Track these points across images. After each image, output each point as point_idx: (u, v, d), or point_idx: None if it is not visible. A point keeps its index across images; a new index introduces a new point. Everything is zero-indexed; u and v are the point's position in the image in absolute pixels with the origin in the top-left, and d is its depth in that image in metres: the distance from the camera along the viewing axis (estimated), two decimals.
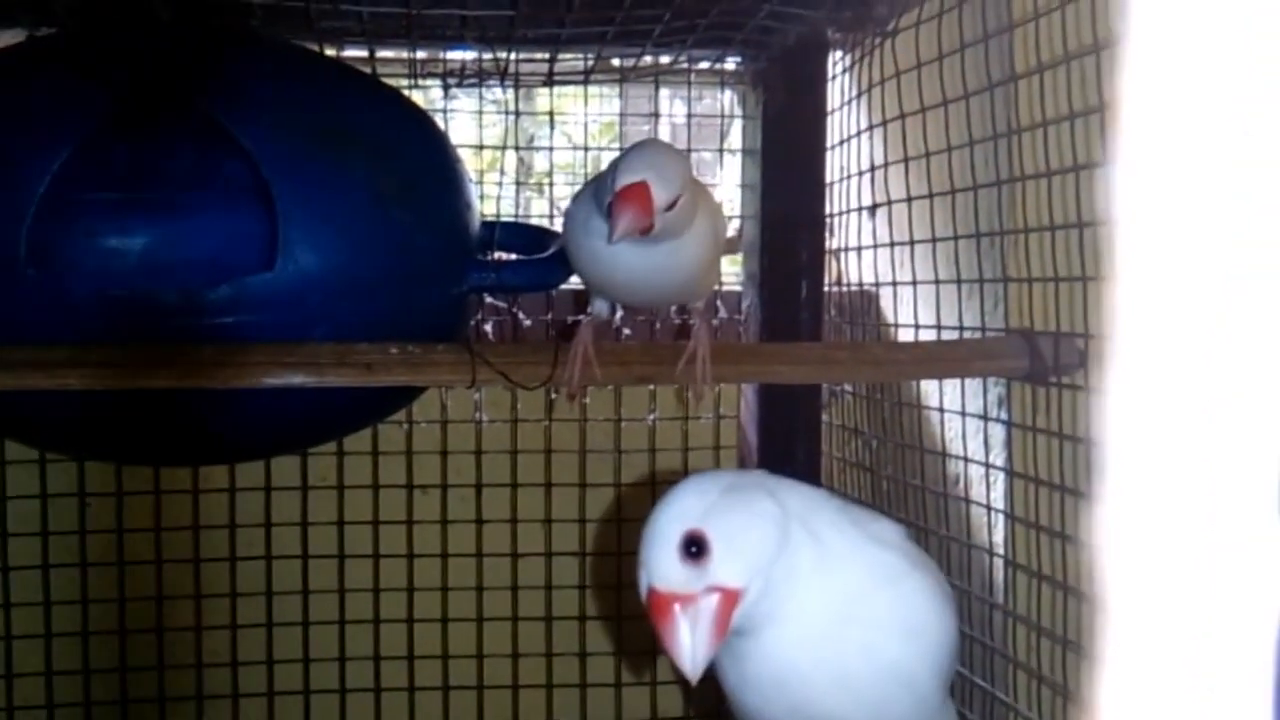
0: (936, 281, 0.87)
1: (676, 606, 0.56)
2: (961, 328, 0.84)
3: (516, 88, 1.08)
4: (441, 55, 1.07)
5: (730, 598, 0.56)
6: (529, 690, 1.09)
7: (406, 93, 1.00)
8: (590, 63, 1.06)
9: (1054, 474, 0.72)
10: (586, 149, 1.14)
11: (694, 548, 0.57)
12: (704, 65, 1.09)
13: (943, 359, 0.80)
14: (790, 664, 0.59)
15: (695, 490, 0.59)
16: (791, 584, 0.58)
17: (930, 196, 0.87)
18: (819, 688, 0.59)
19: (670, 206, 0.66)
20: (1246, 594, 0.17)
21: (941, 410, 0.88)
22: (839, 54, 1.03)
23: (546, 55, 1.04)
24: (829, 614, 0.58)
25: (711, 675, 0.61)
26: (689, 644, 0.55)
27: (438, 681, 1.08)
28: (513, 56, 1.03)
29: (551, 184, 1.18)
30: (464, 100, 1.10)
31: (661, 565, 0.56)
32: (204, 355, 0.72)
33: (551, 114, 1.12)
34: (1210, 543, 0.17)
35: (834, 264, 1.06)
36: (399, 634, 1.08)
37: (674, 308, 0.85)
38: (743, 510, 0.58)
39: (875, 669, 0.59)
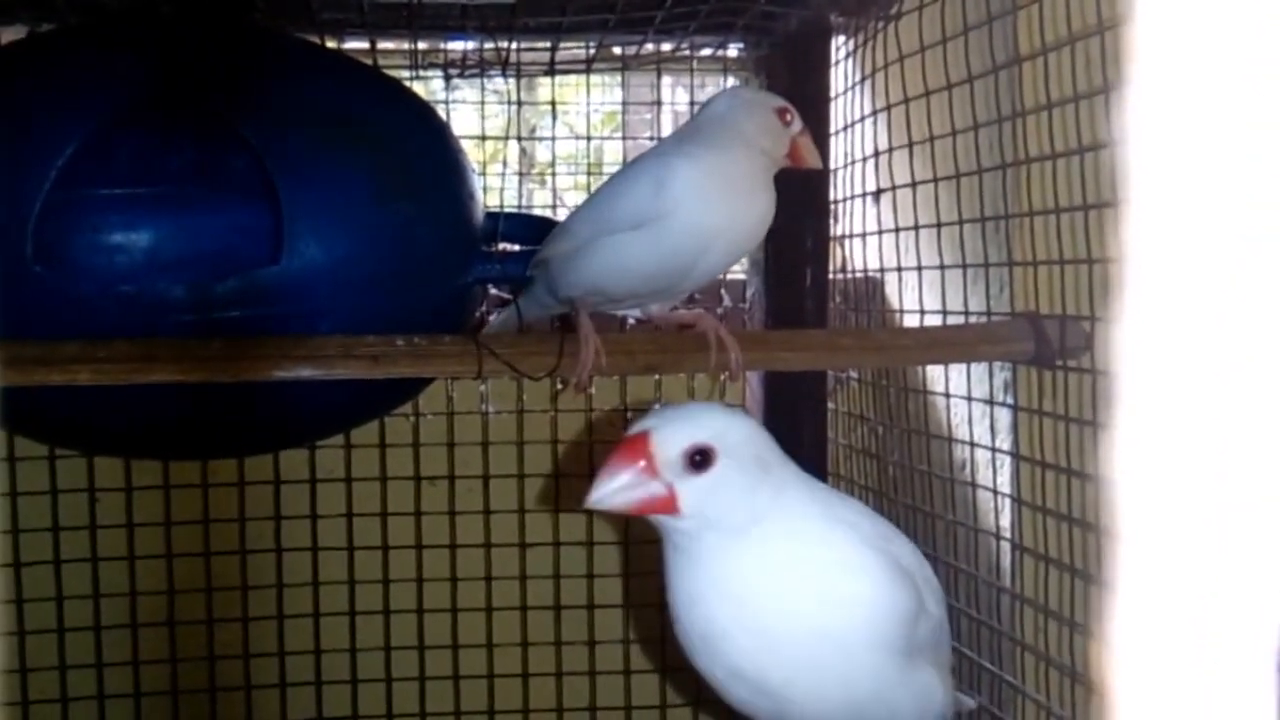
0: (942, 266, 0.87)
1: (639, 463, 0.57)
2: (967, 312, 0.84)
3: (518, 77, 1.08)
4: (442, 45, 1.06)
5: (667, 510, 0.58)
6: (538, 679, 1.10)
7: (408, 84, 1.00)
8: (592, 51, 1.06)
9: (1060, 457, 0.72)
10: (589, 139, 1.14)
11: (698, 457, 0.58)
12: (706, 52, 1.09)
13: (948, 344, 0.80)
14: (709, 620, 0.60)
15: (761, 437, 0.61)
16: (724, 545, 0.60)
17: (935, 181, 0.87)
18: (744, 647, 0.60)
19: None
20: (1257, 565, 0.17)
21: (947, 395, 0.89)
22: (841, 39, 1.03)
23: (548, 44, 1.04)
24: (745, 580, 0.60)
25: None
26: (610, 488, 0.57)
27: (448, 671, 1.09)
28: (514, 45, 1.03)
29: (554, 174, 1.18)
30: (465, 91, 1.10)
31: (669, 439, 0.58)
32: (212, 349, 0.73)
33: (554, 103, 1.11)
34: (1221, 512, 0.17)
35: (839, 250, 1.05)
36: (409, 624, 1.08)
37: (639, 312, 0.86)
38: (755, 488, 0.59)
39: (795, 632, 0.60)
